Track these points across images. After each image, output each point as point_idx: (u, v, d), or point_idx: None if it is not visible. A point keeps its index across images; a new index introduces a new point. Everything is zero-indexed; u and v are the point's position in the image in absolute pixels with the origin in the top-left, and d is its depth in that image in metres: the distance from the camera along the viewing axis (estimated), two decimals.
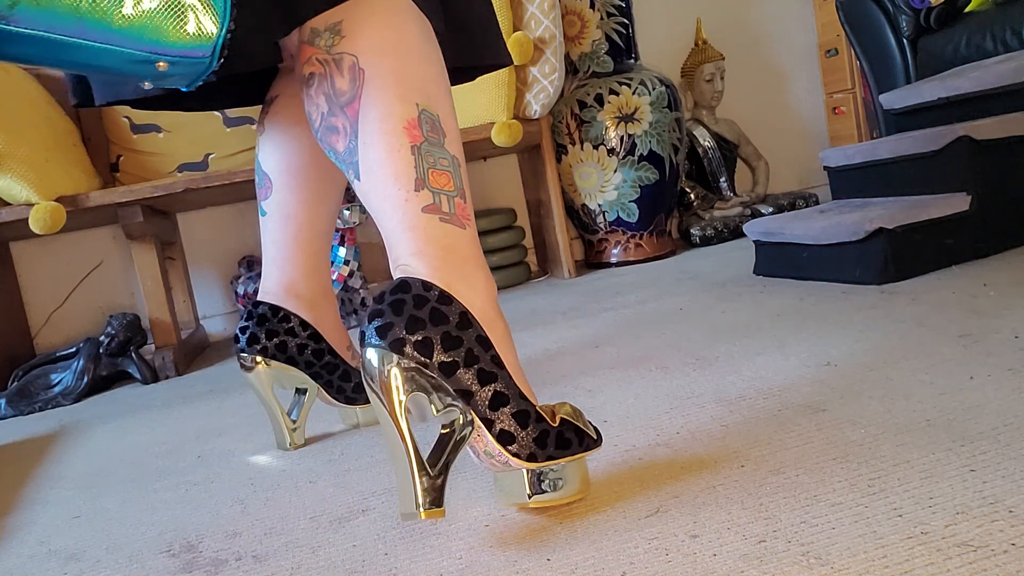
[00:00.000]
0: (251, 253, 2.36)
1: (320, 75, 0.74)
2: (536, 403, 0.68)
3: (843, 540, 0.55)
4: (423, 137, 0.71)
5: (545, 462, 0.66)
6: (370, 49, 0.72)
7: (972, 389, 0.79)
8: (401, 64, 0.73)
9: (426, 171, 0.70)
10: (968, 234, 1.40)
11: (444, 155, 0.72)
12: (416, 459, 0.63)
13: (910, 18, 1.98)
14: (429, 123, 0.72)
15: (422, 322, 0.64)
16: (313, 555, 0.70)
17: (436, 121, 0.73)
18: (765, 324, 1.22)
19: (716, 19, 2.68)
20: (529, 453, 0.65)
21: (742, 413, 0.85)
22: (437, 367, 0.64)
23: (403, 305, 0.64)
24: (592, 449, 0.69)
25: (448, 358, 0.64)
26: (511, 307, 1.90)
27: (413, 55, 0.74)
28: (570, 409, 0.69)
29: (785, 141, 2.76)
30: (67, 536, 0.86)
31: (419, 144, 0.71)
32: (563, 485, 0.67)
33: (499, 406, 0.65)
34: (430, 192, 0.69)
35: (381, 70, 0.71)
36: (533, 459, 0.65)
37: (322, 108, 0.74)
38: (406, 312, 0.64)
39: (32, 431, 1.49)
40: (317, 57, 0.74)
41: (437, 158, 0.71)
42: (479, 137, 1.99)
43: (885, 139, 1.58)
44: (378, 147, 0.70)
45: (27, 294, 2.25)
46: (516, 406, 0.66)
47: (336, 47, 0.73)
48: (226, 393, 1.50)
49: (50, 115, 1.97)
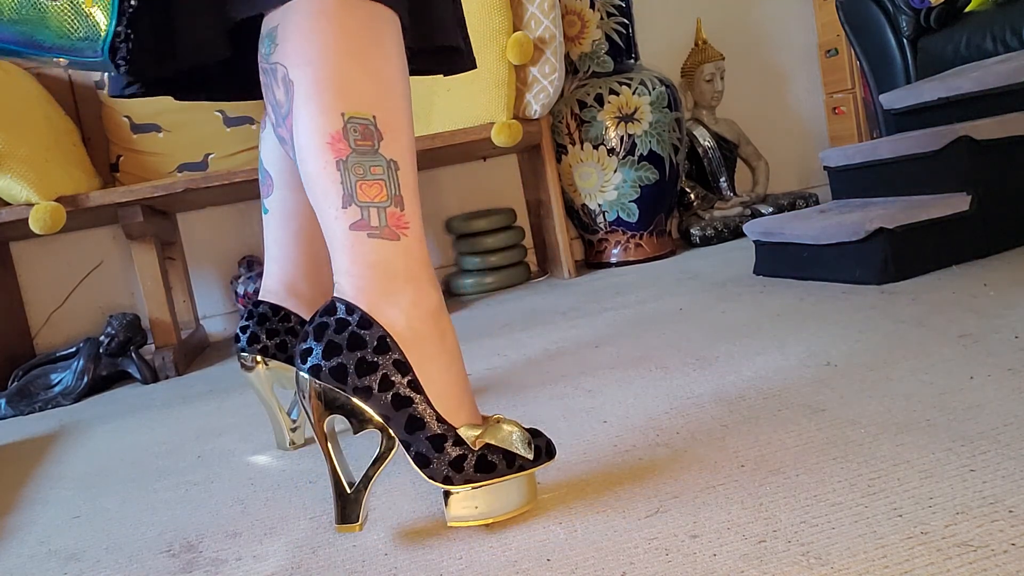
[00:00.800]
0: (251, 253, 2.36)
1: (265, 85, 0.73)
2: (468, 422, 0.67)
3: (843, 540, 0.55)
4: (350, 148, 0.69)
5: (462, 485, 0.66)
6: (296, 57, 0.70)
7: (972, 389, 0.79)
8: (326, 72, 0.70)
9: (354, 185, 0.69)
10: (968, 234, 1.40)
11: (377, 162, 0.70)
12: (332, 477, 0.68)
13: (910, 18, 1.98)
14: (358, 130, 0.70)
15: (339, 348, 0.66)
16: (313, 555, 0.70)
17: (369, 124, 0.70)
18: (765, 324, 1.22)
19: (716, 19, 2.68)
20: (444, 476, 0.66)
21: (742, 413, 0.85)
22: (352, 391, 0.66)
23: (324, 330, 0.67)
24: (528, 470, 0.68)
25: (362, 384, 0.66)
26: (511, 307, 1.90)
27: (341, 58, 0.71)
28: (508, 432, 0.67)
29: (785, 141, 2.76)
30: (67, 536, 0.86)
31: (345, 158, 0.69)
32: (480, 507, 0.67)
33: (415, 430, 0.66)
34: (357, 207, 0.68)
35: (306, 81, 0.69)
36: (448, 482, 0.66)
37: (271, 118, 0.74)
38: (326, 337, 0.67)
39: (32, 431, 1.49)
40: (261, 66, 0.73)
41: (368, 168, 0.69)
42: (479, 137, 1.99)
43: (885, 139, 1.58)
44: (307, 163, 0.70)
45: (27, 294, 2.25)
46: (431, 430, 0.66)
47: (272, 56, 0.71)
48: (226, 393, 1.50)
49: (50, 115, 1.97)
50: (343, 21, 0.71)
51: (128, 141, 2.13)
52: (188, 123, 2.14)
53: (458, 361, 0.70)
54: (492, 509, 0.67)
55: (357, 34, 0.71)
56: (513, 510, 0.68)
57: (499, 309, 1.91)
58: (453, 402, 0.68)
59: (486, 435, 0.67)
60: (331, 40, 0.70)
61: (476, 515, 0.68)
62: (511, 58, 2.01)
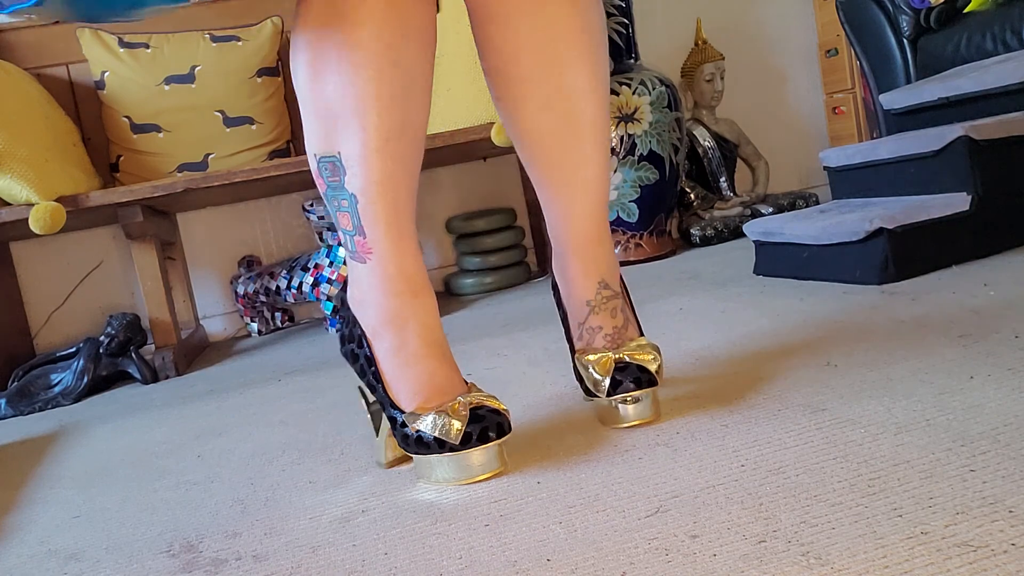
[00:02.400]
0: (251, 253, 2.36)
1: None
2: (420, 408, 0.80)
3: (843, 540, 0.55)
4: (326, 184, 0.83)
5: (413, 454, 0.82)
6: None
7: (972, 389, 0.79)
8: (304, 114, 0.83)
9: (335, 215, 0.84)
10: (968, 234, 1.40)
11: (344, 195, 0.81)
12: (373, 423, 0.88)
13: (910, 18, 1.98)
14: (328, 168, 0.82)
15: (345, 338, 0.89)
16: (313, 555, 0.70)
17: (335, 161, 0.81)
18: (765, 324, 1.22)
19: (716, 19, 2.68)
20: (397, 444, 0.85)
21: (742, 413, 0.85)
22: (356, 371, 0.88)
23: (342, 322, 0.90)
24: (456, 451, 0.78)
25: (356, 367, 0.87)
26: (511, 307, 1.90)
27: (306, 101, 0.82)
28: (431, 422, 0.79)
29: (785, 141, 2.76)
30: (67, 536, 0.86)
31: (325, 192, 0.83)
32: (417, 471, 0.83)
33: (385, 406, 0.84)
34: (341, 233, 0.84)
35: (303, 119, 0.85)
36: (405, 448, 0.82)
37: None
38: (342, 329, 0.90)
39: (32, 431, 1.49)
40: None
41: (340, 201, 0.82)
42: (479, 137, 1.98)
43: (885, 139, 1.58)
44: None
45: (27, 294, 2.25)
46: (389, 412, 0.84)
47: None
48: (226, 393, 1.50)
49: (50, 115, 1.97)
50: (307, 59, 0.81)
51: (128, 141, 2.13)
52: (188, 123, 2.14)
53: (421, 361, 0.82)
54: (424, 475, 0.82)
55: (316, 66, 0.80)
56: (444, 481, 0.80)
57: (499, 309, 1.91)
58: (407, 393, 0.82)
59: (418, 423, 0.80)
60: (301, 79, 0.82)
61: (427, 477, 0.82)
62: None
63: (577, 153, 0.88)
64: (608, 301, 0.90)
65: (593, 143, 0.89)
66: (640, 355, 0.86)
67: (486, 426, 0.78)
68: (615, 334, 0.89)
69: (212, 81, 2.15)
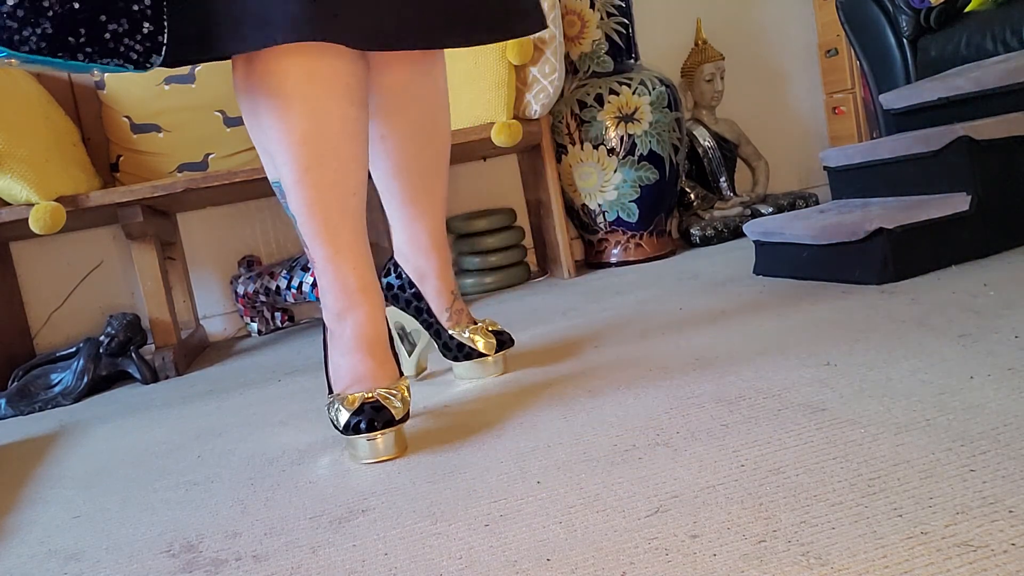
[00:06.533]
0: (251, 253, 2.36)
1: None
2: (347, 394, 0.94)
3: (843, 540, 0.55)
4: (284, 204, 0.99)
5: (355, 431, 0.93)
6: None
7: (972, 389, 0.79)
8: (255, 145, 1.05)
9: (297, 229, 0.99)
10: (968, 234, 1.40)
11: (290, 214, 0.98)
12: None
13: (910, 18, 1.98)
14: (279, 191, 1.00)
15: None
16: (313, 555, 0.70)
17: (279, 186, 0.99)
18: (765, 324, 1.23)
19: (716, 19, 2.68)
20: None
21: (742, 413, 0.85)
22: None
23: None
24: (392, 427, 0.91)
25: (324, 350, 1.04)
26: (511, 307, 1.90)
27: (253, 137, 1.03)
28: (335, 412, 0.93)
29: (785, 141, 2.76)
30: (67, 536, 0.86)
31: (285, 210, 1.00)
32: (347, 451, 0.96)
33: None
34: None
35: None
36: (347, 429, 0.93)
37: None
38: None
39: (32, 431, 1.49)
40: None
41: (293, 218, 0.98)
42: (479, 137, 1.99)
43: (885, 139, 1.58)
44: None
45: (27, 294, 2.25)
46: (328, 395, 1.01)
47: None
48: (226, 393, 1.50)
49: (50, 115, 1.97)
50: (249, 108, 0.98)
51: (128, 141, 2.13)
52: (188, 123, 2.13)
53: (350, 354, 0.97)
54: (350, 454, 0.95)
55: (257, 112, 0.95)
56: (365, 460, 0.92)
57: (499, 309, 1.91)
58: (343, 379, 0.97)
59: (329, 407, 0.95)
60: (247, 120, 1.01)
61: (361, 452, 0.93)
62: (511, 58, 2.01)
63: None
64: (457, 291, 1.22)
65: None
66: (494, 325, 1.23)
67: (371, 418, 0.91)
68: (469, 312, 1.23)
69: (212, 81, 2.15)
